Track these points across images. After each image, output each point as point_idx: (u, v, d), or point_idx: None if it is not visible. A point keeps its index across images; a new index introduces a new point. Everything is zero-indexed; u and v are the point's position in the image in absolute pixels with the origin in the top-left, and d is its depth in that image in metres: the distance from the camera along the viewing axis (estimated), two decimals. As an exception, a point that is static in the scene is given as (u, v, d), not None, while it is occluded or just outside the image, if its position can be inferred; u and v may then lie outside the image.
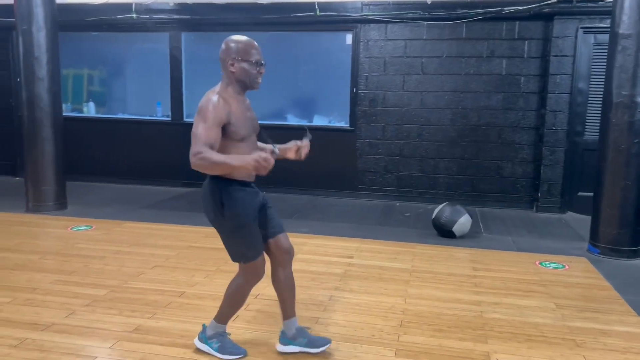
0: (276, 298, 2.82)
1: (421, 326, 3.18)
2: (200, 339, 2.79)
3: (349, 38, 6.92)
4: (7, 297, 3.44)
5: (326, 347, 2.77)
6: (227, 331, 2.81)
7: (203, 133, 2.33)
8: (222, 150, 2.42)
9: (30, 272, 3.93)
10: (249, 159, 2.32)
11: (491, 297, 3.67)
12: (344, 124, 7.12)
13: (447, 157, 6.82)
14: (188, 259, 4.35)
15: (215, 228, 2.62)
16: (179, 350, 2.80)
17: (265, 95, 7.39)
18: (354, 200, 6.97)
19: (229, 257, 2.68)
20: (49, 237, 4.94)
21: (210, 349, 2.74)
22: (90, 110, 7.83)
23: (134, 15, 7.25)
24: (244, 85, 2.55)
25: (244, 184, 2.55)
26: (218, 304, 3.23)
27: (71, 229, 5.19)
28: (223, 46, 2.52)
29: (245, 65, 2.49)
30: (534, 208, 6.54)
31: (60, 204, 5.94)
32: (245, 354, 2.75)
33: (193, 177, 7.35)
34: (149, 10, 7.26)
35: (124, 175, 7.70)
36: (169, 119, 7.54)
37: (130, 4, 7.21)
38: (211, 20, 7.16)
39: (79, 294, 3.54)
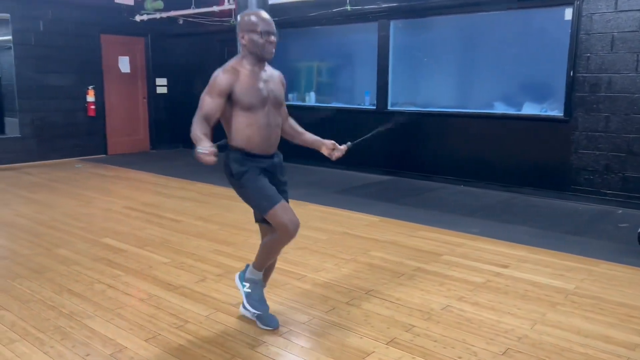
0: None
1: (529, 359, 2.64)
2: (239, 277, 3.00)
3: (568, 13, 5.95)
4: (167, 259, 4.08)
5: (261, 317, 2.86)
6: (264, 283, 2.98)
7: (204, 104, 2.57)
8: (230, 117, 2.65)
9: (201, 240, 4.56)
10: (200, 143, 2.37)
11: (659, 344, 2.80)
12: (557, 112, 6.18)
13: (695, 157, 5.33)
14: (334, 244, 4.44)
15: (235, 190, 2.80)
16: (260, 329, 2.92)
17: (470, 82, 6.94)
18: (563, 202, 6.03)
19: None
20: (238, 210, 5.60)
21: (241, 290, 2.95)
22: (311, 99, 8.51)
23: (349, 8, 7.56)
24: (257, 55, 2.64)
25: (249, 153, 2.68)
26: (328, 292, 3.28)
27: (260, 206, 5.79)
28: (238, 20, 2.65)
29: (253, 36, 2.60)
30: None
31: (265, 183, 6.67)
32: (264, 313, 2.89)
33: (394, 165, 7.41)
34: (361, 0, 7.48)
35: (327, 160, 8.15)
36: (374, 107, 7.69)
37: (346, -3, 7.54)
38: (418, 6, 7.01)
39: (221, 264, 3.97)
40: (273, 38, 2.63)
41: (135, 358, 2.61)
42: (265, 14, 2.66)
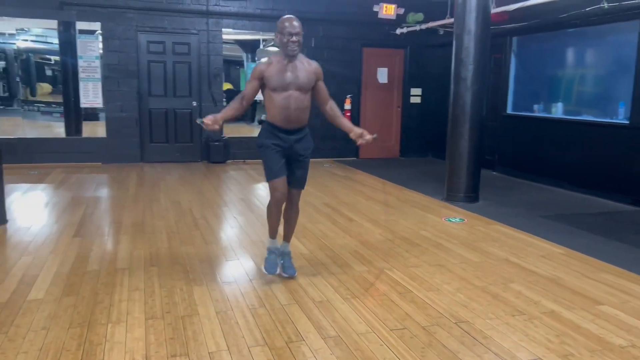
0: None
1: None
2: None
3: None
4: (306, 250, 4.33)
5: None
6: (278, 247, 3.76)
7: (246, 86, 3.47)
8: (265, 98, 3.47)
9: (354, 240, 4.66)
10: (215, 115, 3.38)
11: None
12: None
13: None
14: (478, 268, 3.98)
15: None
16: (317, 331, 2.94)
17: None
18: None
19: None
20: (414, 219, 5.46)
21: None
22: (558, 111, 7.55)
23: (605, 5, 6.45)
24: (285, 52, 3.37)
25: (274, 126, 3.46)
26: (415, 313, 3.19)
27: (445, 219, 5.52)
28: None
29: (280, 37, 3.37)
30: None
31: (471, 197, 6.28)
32: (272, 273, 3.66)
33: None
34: (620, -4, 6.29)
35: (565, 180, 7.14)
36: (628, 122, 6.36)
37: (602, -7, 6.45)
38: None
39: (346, 264, 4.02)
40: (294, 38, 3.33)
41: (202, 325, 2.98)
42: (295, 21, 3.36)
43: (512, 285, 3.64)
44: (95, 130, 9.07)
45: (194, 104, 9.34)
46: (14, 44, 8.50)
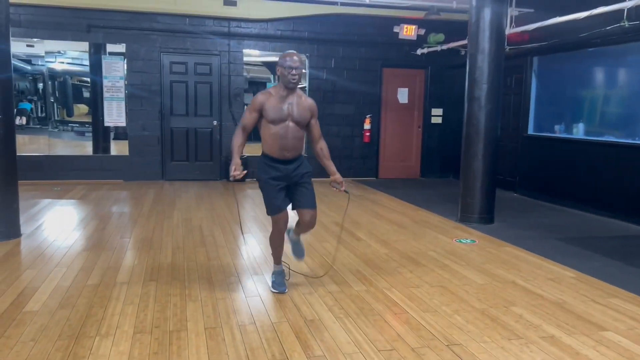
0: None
1: None
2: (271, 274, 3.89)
3: None
4: (307, 267, 4.29)
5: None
6: (283, 269, 3.85)
7: (244, 117, 3.55)
8: (262, 128, 3.54)
9: (356, 258, 4.59)
10: (233, 161, 3.48)
11: None
12: None
13: None
14: (481, 290, 3.86)
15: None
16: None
17: None
18: None
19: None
20: (428, 242, 5.35)
21: (270, 280, 3.86)
22: (579, 131, 7.36)
23: (626, 23, 6.30)
24: (284, 83, 3.49)
25: (272, 158, 3.53)
26: (408, 333, 3.09)
27: (456, 240, 5.40)
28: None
29: (282, 70, 3.47)
30: None
31: (485, 219, 6.13)
32: (282, 292, 3.69)
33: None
34: (641, 14, 6.14)
35: (587, 202, 6.94)
36: (650, 142, 6.15)
37: (622, 10, 6.30)
38: None
39: (343, 282, 3.96)
40: (294, 72, 3.44)
41: (188, 341, 2.96)
42: (295, 56, 3.48)
43: (513, 309, 3.52)
44: (124, 148, 9.27)
45: (215, 123, 9.48)
46: (44, 65, 8.82)
